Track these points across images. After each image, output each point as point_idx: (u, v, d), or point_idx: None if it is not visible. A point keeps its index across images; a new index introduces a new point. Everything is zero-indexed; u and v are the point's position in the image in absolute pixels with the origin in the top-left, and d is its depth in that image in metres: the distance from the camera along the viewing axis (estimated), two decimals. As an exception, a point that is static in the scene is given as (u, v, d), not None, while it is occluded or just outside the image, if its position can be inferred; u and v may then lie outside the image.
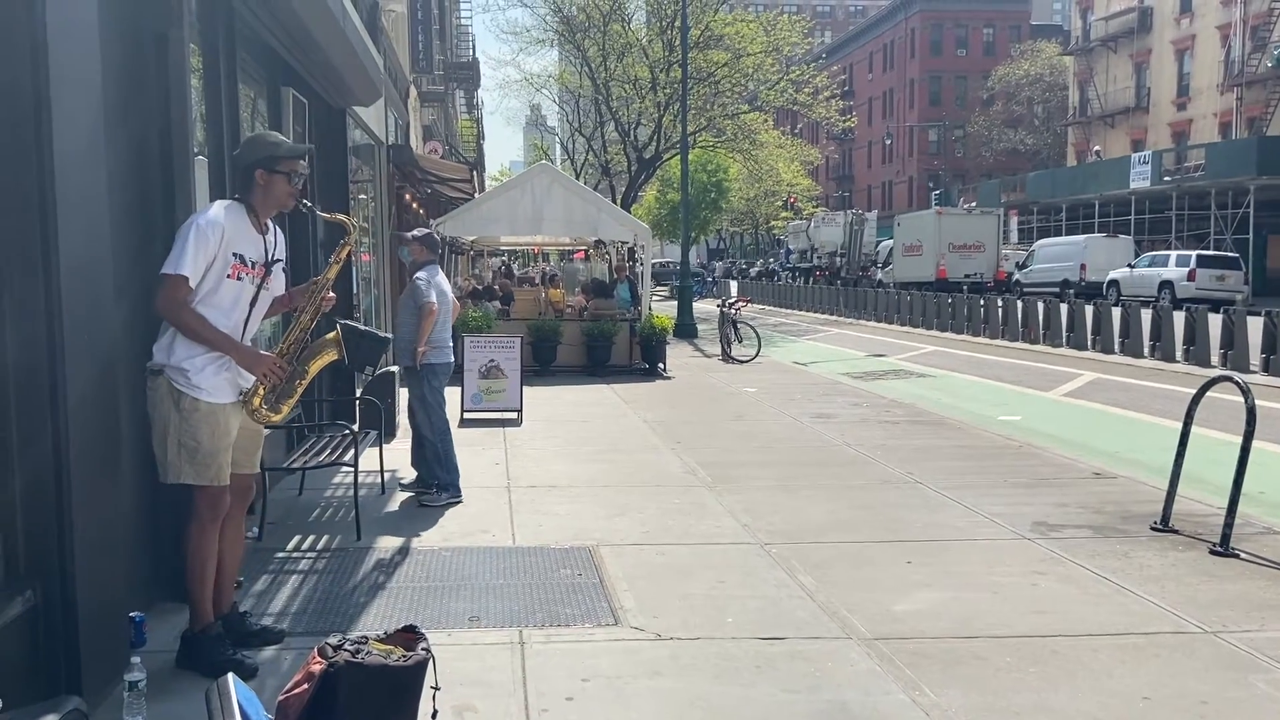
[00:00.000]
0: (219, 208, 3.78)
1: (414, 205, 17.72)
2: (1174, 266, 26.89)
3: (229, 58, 5.59)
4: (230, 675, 2.82)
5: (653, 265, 19.54)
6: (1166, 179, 34.92)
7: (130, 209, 4.18)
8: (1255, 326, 14.52)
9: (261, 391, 3.82)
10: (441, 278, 6.84)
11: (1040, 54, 56.64)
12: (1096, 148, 46.98)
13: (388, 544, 5.64)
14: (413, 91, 18.97)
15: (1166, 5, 44.10)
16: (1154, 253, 29.79)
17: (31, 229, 3.21)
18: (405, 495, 6.70)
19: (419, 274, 6.66)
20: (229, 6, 5.55)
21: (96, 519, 3.48)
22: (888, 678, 3.86)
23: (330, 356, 4.10)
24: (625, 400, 11.47)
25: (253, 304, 3.84)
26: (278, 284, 4.00)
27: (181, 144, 4.51)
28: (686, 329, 19.93)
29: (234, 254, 3.71)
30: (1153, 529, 5.95)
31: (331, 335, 4.13)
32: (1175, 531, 5.87)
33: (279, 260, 3.97)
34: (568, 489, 6.97)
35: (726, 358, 16.07)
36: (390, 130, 14.18)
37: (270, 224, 3.95)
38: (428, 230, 6.99)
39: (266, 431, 4.15)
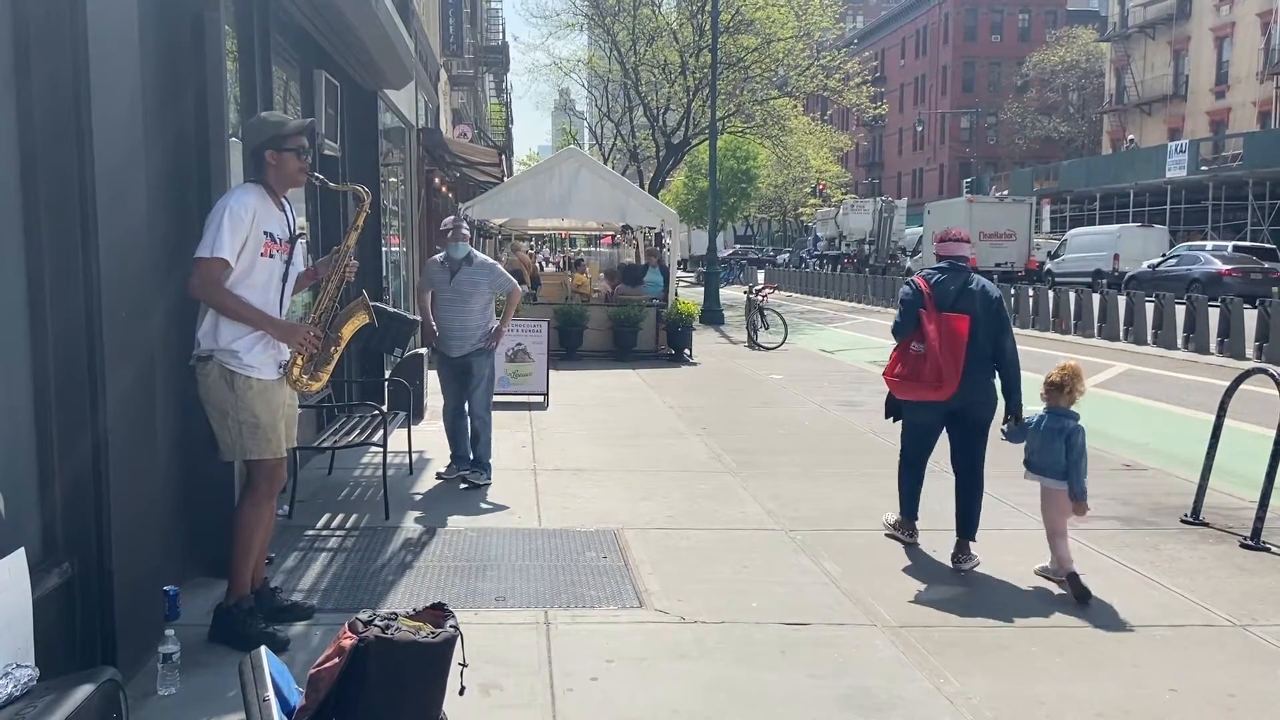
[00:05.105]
0: (245, 190, 3.84)
1: (443, 189, 17.76)
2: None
3: (263, 40, 5.63)
4: (263, 648, 2.86)
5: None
6: (1203, 168, 34.35)
7: (167, 192, 4.24)
8: (1292, 319, 14.26)
9: (300, 361, 3.90)
10: None
11: (1076, 40, 55.76)
12: (1131, 136, 46.24)
13: (415, 524, 5.70)
14: (443, 75, 18.99)
15: (1207, -9, 43.31)
16: (1189, 243, 29.32)
17: (71, 212, 3.25)
18: (433, 476, 6.75)
19: (483, 256, 6.63)
20: (264, -11, 5.59)
21: (133, 495, 3.54)
22: (912, 665, 3.86)
23: (361, 319, 4.16)
24: (651, 385, 11.48)
25: (284, 280, 3.92)
26: (300, 258, 4.07)
27: (217, 127, 4.54)
28: (713, 315, 19.87)
29: (265, 232, 3.79)
30: (1183, 521, 5.90)
31: (358, 299, 4.19)
32: (1206, 524, 5.82)
33: (300, 234, 4.05)
34: (593, 473, 7.01)
35: (753, 344, 16.03)
36: (420, 113, 14.21)
37: (284, 201, 4.01)
38: (454, 215, 6.98)
39: (300, 411, 4.21)
